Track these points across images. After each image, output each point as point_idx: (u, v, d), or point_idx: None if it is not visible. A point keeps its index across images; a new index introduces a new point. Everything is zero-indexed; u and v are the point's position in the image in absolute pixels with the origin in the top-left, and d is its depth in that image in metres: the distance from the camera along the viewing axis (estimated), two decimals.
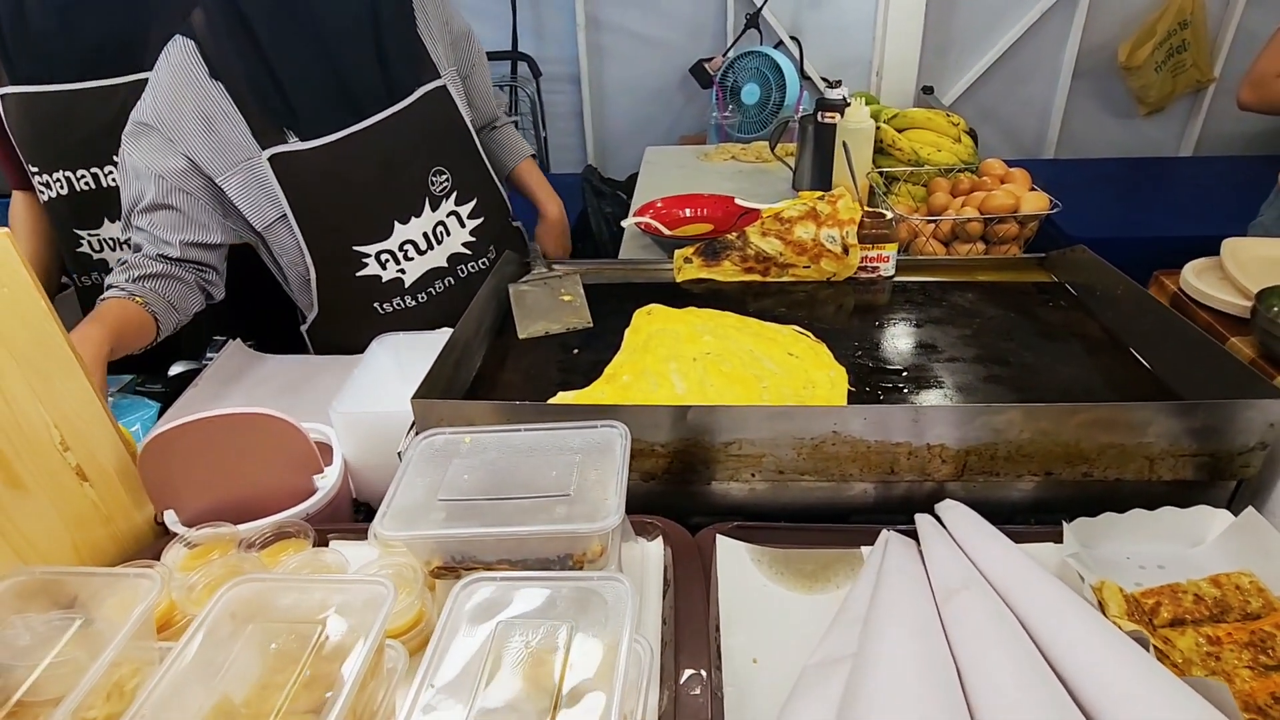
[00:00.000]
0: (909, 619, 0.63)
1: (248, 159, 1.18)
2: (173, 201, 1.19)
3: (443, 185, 1.34)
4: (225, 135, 1.17)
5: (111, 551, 0.81)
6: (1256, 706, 0.62)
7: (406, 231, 1.32)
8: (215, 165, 1.18)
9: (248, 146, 1.18)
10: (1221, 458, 0.80)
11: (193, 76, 1.15)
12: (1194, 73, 2.82)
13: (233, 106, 1.16)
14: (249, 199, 1.22)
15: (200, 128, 1.16)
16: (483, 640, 0.55)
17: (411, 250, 1.34)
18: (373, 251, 1.31)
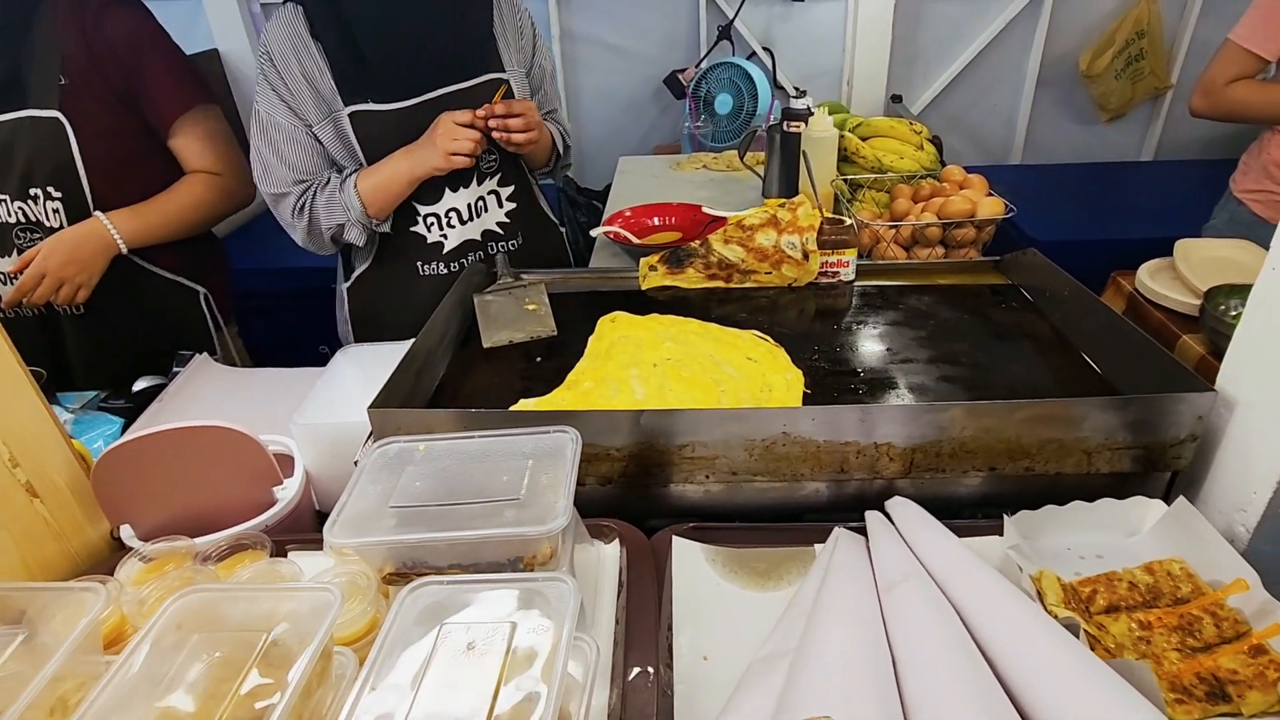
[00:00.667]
0: (849, 611, 0.65)
1: (334, 112, 1.35)
2: None
3: (490, 163, 1.47)
4: (320, 89, 1.33)
5: (64, 567, 0.81)
6: (1182, 686, 0.64)
7: (454, 199, 1.45)
8: (312, 114, 1.34)
9: (334, 101, 1.34)
10: (1155, 450, 0.82)
11: (299, 35, 1.32)
12: (1152, 80, 2.89)
13: (326, 64, 1.32)
14: (335, 148, 1.38)
15: (302, 81, 1.32)
16: (427, 641, 0.56)
17: (455, 219, 1.47)
18: (425, 212, 1.44)
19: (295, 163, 1.37)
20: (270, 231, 2.92)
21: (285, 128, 1.34)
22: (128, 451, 0.83)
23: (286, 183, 1.38)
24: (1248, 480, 0.75)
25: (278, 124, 1.34)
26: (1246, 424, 0.76)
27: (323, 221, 1.39)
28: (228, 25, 3.01)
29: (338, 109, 1.33)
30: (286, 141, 1.35)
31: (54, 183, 1.39)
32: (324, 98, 1.33)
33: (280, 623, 0.59)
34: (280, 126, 1.34)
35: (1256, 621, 0.67)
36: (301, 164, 1.37)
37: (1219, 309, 1.36)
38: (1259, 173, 1.84)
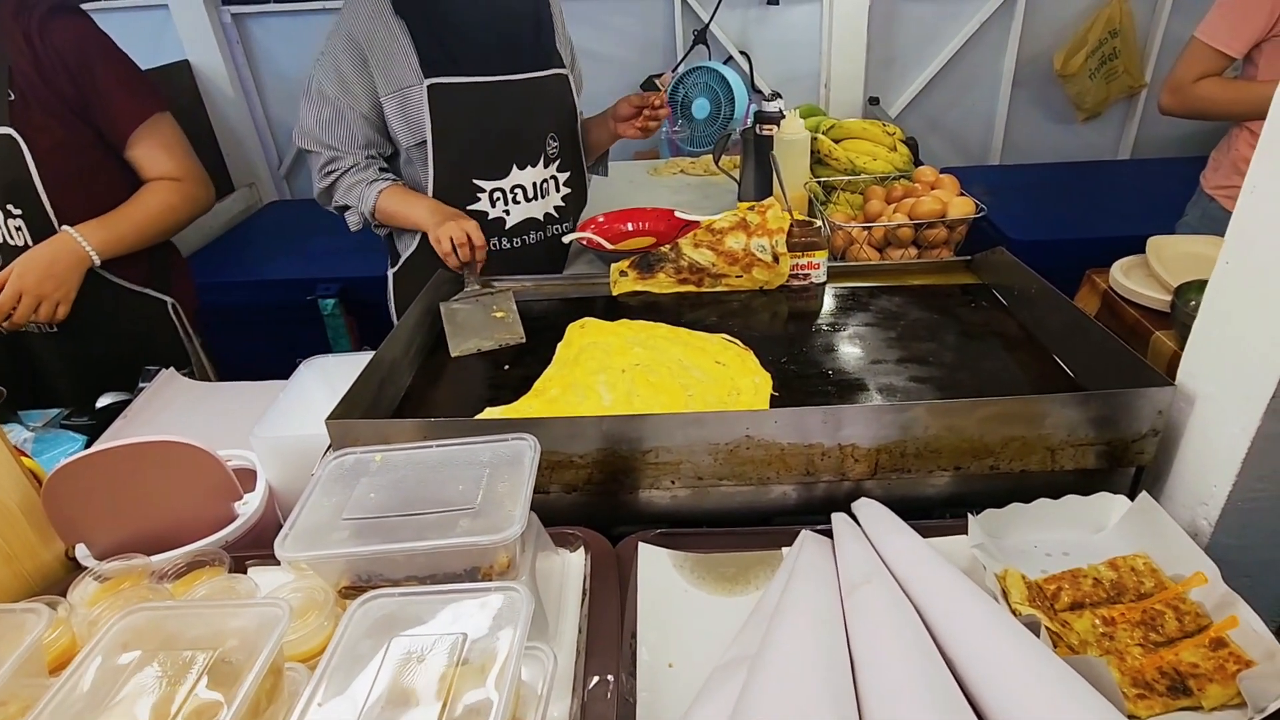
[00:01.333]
0: (809, 615, 0.64)
1: (407, 86, 1.40)
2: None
3: (554, 148, 1.57)
4: (396, 62, 1.39)
5: (16, 590, 0.79)
6: (1145, 681, 0.64)
7: (521, 177, 1.52)
8: (382, 86, 1.40)
9: (411, 75, 1.40)
10: (1118, 446, 0.82)
11: (381, 14, 1.38)
12: (1126, 79, 2.92)
13: (409, 40, 1.39)
14: (398, 121, 1.43)
15: (382, 55, 1.38)
16: (377, 654, 0.55)
17: (520, 195, 1.54)
18: (489, 188, 1.50)
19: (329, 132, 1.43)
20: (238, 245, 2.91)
21: (333, 100, 1.41)
22: (80, 468, 0.81)
23: (320, 144, 1.45)
24: (1208, 473, 0.75)
25: (325, 95, 1.41)
26: (1205, 417, 0.76)
27: (337, 196, 1.47)
28: (198, 36, 2.99)
29: (412, 82, 1.39)
30: (331, 112, 1.42)
31: (13, 200, 1.37)
32: (399, 70, 1.39)
33: (229, 639, 0.58)
34: (328, 99, 1.41)
35: (1216, 614, 0.67)
36: (334, 135, 1.44)
37: (1189, 305, 1.36)
38: (1228, 169, 1.85)
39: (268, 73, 3.17)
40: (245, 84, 3.16)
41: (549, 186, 1.58)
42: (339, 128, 1.43)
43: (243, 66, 3.14)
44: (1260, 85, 1.72)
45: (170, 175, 1.51)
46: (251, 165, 3.26)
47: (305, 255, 2.62)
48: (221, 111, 3.14)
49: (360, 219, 1.49)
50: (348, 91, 1.40)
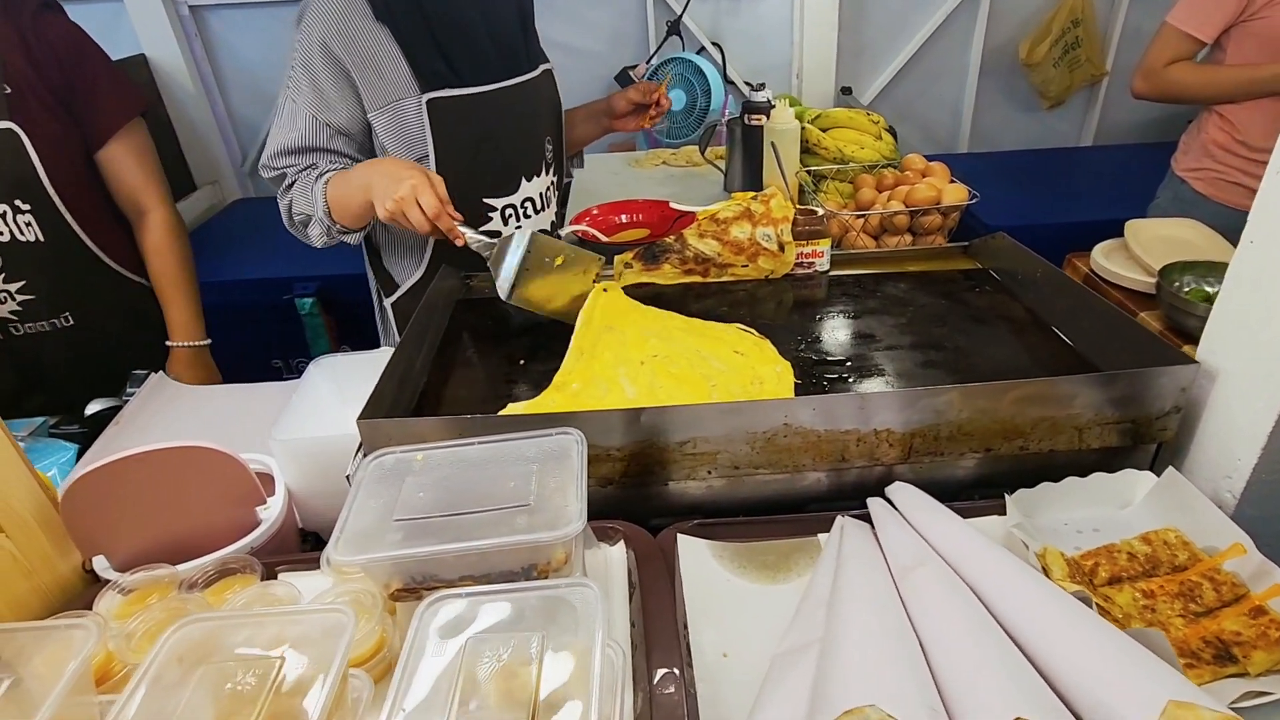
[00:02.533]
0: (871, 598, 0.65)
1: (400, 99, 1.25)
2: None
3: (551, 154, 1.47)
4: (385, 75, 1.23)
5: (35, 606, 0.76)
6: (1190, 651, 0.66)
7: (529, 189, 1.42)
8: (370, 101, 1.25)
9: (404, 88, 1.25)
10: (1142, 423, 0.85)
11: (358, 19, 1.21)
12: (1089, 67, 3.00)
13: (397, 49, 1.23)
14: (392, 138, 1.28)
15: (362, 65, 1.22)
16: (452, 658, 0.54)
17: (530, 208, 1.44)
18: (500, 205, 1.39)
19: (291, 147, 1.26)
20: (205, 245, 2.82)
21: (301, 114, 1.24)
22: (99, 478, 0.78)
23: (277, 169, 1.29)
24: (1232, 447, 0.78)
25: (296, 108, 1.24)
26: (1228, 393, 0.79)
27: (295, 209, 1.29)
28: (155, 29, 2.87)
29: (407, 95, 1.24)
30: (296, 129, 1.25)
31: (20, 195, 1.33)
32: (390, 82, 1.23)
33: (290, 648, 0.56)
34: (297, 112, 1.25)
35: (1254, 584, 0.70)
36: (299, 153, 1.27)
37: (1174, 285, 1.42)
38: (1199, 152, 1.92)
39: (229, 67, 3.06)
40: (205, 79, 3.05)
41: (551, 195, 1.49)
42: (312, 150, 1.26)
43: (202, 61, 3.02)
44: (1230, 69, 1.78)
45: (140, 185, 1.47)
46: (214, 162, 3.15)
47: (278, 253, 2.55)
48: (181, 107, 3.02)
49: (321, 225, 1.26)
50: (327, 108, 1.23)
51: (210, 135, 3.11)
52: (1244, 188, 1.84)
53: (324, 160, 1.28)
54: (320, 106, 1.23)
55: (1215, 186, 1.88)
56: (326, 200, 1.23)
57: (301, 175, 1.28)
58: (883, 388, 0.97)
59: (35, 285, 1.39)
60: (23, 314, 1.41)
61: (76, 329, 1.46)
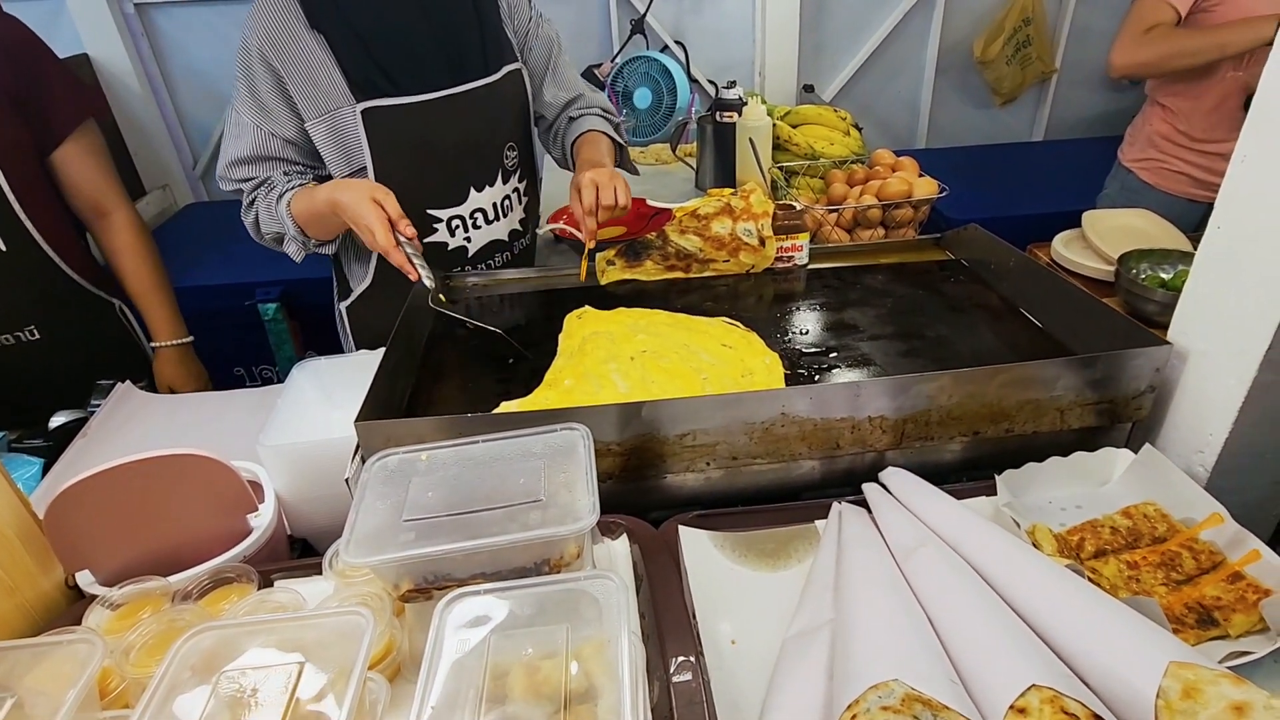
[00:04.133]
0: (877, 579, 0.66)
1: (336, 108, 1.21)
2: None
3: (513, 160, 1.39)
4: (319, 84, 1.19)
5: (19, 623, 0.72)
6: (1175, 617, 0.69)
7: (480, 199, 1.35)
8: (306, 110, 1.21)
9: (339, 97, 1.20)
10: (1119, 403, 0.89)
11: (293, 25, 1.17)
12: (1039, 65, 3.10)
13: (331, 57, 1.19)
14: (330, 148, 1.24)
15: (297, 74, 1.18)
16: (476, 655, 0.53)
17: (481, 219, 1.37)
18: (445, 216, 1.33)
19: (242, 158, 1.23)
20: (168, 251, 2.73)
21: (246, 126, 1.21)
22: (83, 490, 0.75)
23: (240, 181, 1.25)
24: (1204, 423, 0.82)
25: (244, 125, 1.21)
26: (1200, 372, 0.83)
27: (263, 228, 1.27)
28: (98, 27, 2.76)
29: (342, 105, 1.20)
30: (243, 140, 1.22)
31: None
32: (324, 92, 1.19)
33: (306, 654, 0.55)
34: (241, 124, 1.21)
35: (1230, 551, 0.74)
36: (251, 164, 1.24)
37: (1131, 272, 1.48)
38: (1144, 143, 2.00)
39: (178, 67, 2.96)
40: (153, 80, 2.94)
41: (511, 203, 1.41)
42: (264, 159, 1.23)
43: (149, 61, 2.92)
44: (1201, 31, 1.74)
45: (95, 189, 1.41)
46: (164, 166, 3.05)
47: (237, 258, 2.47)
48: (128, 109, 2.91)
49: (297, 243, 1.25)
50: (269, 118, 1.20)
51: (159, 138, 3.00)
52: (1187, 176, 1.92)
53: (277, 171, 1.24)
54: (262, 117, 1.20)
55: (1159, 175, 1.96)
56: (294, 220, 1.21)
57: (260, 193, 1.25)
58: (868, 376, 1.00)
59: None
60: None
61: (41, 343, 1.40)
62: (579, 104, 1.46)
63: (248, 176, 1.24)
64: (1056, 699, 0.50)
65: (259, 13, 1.17)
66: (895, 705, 0.49)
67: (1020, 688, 0.51)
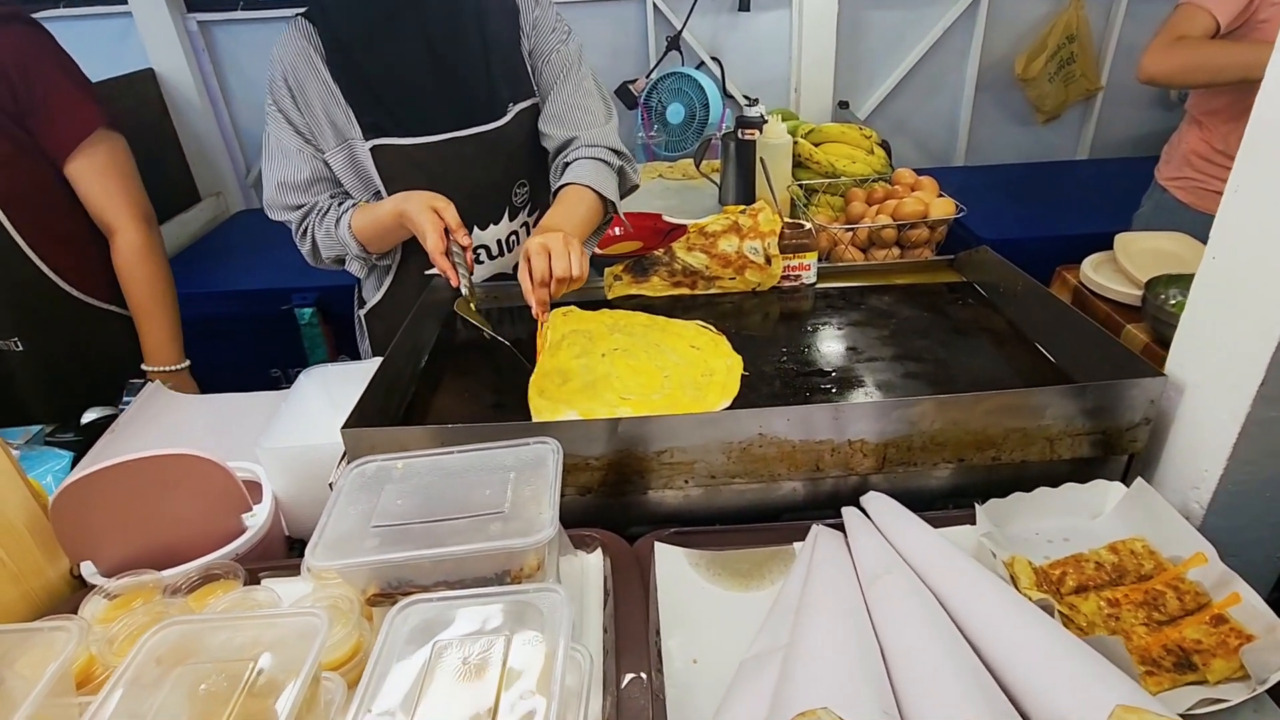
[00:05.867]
0: (836, 605, 0.66)
1: (349, 140, 1.25)
2: None
3: (523, 197, 1.39)
4: (334, 117, 1.24)
5: (23, 611, 0.77)
6: (1151, 659, 0.67)
7: (482, 238, 1.37)
8: (322, 140, 1.25)
9: (349, 130, 1.24)
10: (1112, 434, 0.86)
11: (310, 58, 1.22)
12: (1084, 82, 3.03)
13: (340, 93, 1.23)
14: (347, 176, 1.28)
15: (315, 104, 1.23)
16: (420, 661, 0.55)
17: (484, 255, 1.38)
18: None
19: (298, 190, 1.27)
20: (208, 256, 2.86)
21: (292, 154, 1.25)
22: (88, 485, 0.79)
23: (289, 209, 1.29)
24: (1199, 458, 0.79)
25: (285, 149, 1.25)
26: (1195, 405, 0.80)
27: (323, 252, 1.31)
28: (163, 43, 2.92)
29: (353, 138, 1.24)
30: (290, 168, 1.26)
31: None
32: (337, 126, 1.24)
33: (265, 651, 0.58)
34: (288, 152, 1.25)
35: (1216, 592, 0.71)
36: (303, 192, 1.28)
37: (1159, 298, 1.43)
38: (1179, 161, 1.94)
39: (234, 81, 3.11)
40: (212, 92, 3.10)
41: (518, 238, 1.41)
42: (307, 183, 1.27)
43: (209, 75, 3.07)
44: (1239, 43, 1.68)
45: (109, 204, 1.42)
46: (219, 174, 3.20)
47: (278, 264, 2.57)
48: (187, 120, 3.07)
49: (360, 261, 1.31)
50: (306, 141, 1.25)
51: (215, 147, 3.15)
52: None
53: (323, 195, 1.29)
54: (299, 140, 1.25)
55: (1195, 195, 1.89)
56: (357, 239, 1.25)
57: (312, 220, 1.29)
58: (862, 399, 0.99)
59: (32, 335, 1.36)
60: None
61: (26, 355, 1.44)
62: (575, 146, 1.33)
63: (299, 203, 1.28)
64: None
65: (285, 42, 1.23)
66: None
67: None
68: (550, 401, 0.99)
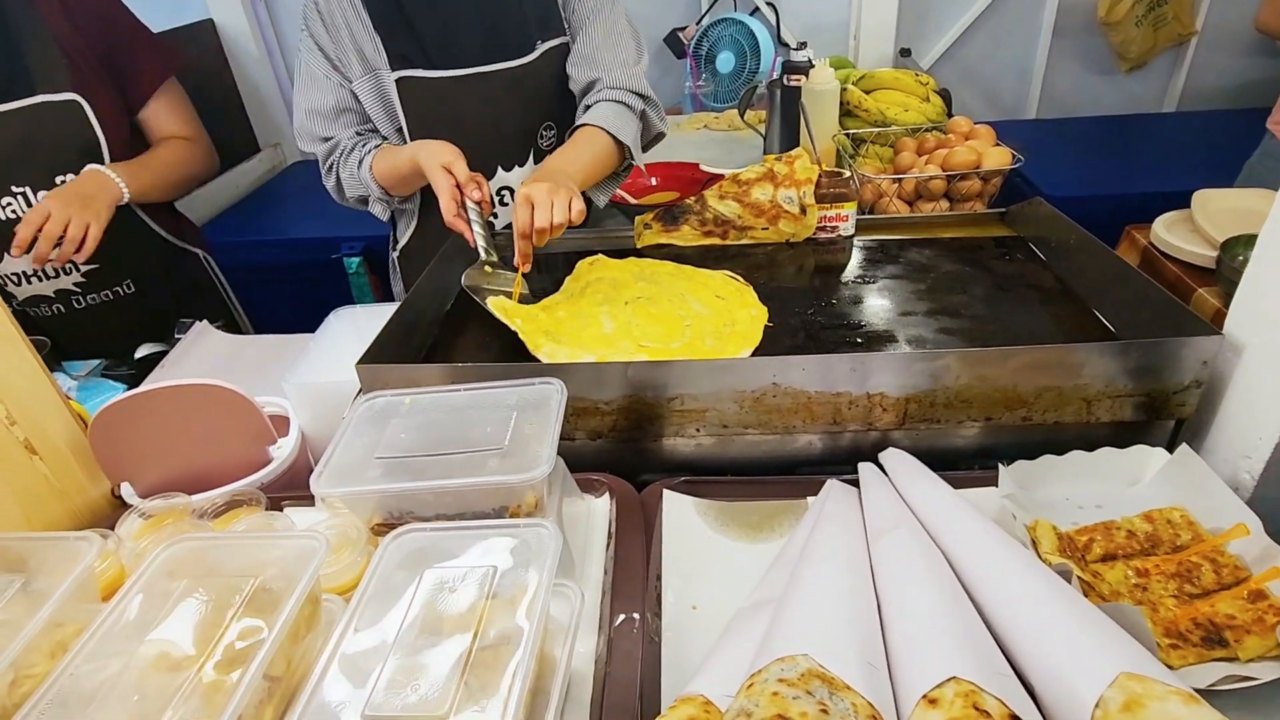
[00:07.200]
0: (835, 558, 0.64)
1: (376, 70, 1.25)
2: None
3: (549, 140, 1.37)
4: (363, 46, 1.23)
5: (66, 524, 0.82)
6: (1178, 633, 0.63)
7: (507, 179, 1.35)
8: (350, 70, 1.25)
9: (378, 61, 1.24)
10: (1157, 397, 0.80)
11: None
12: (1175, 26, 2.78)
13: (369, 22, 1.22)
14: (374, 108, 1.28)
15: (345, 34, 1.23)
16: (409, 587, 0.56)
17: (509, 197, 1.37)
18: None
19: (324, 119, 1.28)
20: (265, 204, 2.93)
21: (320, 80, 1.26)
22: (123, 410, 0.83)
23: (315, 139, 1.30)
24: (1254, 426, 0.73)
25: (314, 75, 1.26)
26: (1253, 368, 0.74)
27: (347, 191, 1.32)
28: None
29: (380, 68, 1.24)
30: (318, 95, 1.27)
31: (83, 166, 1.36)
32: (365, 55, 1.24)
33: (269, 570, 0.60)
34: (316, 79, 1.26)
35: (1257, 567, 0.66)
36: (330, 121, 1.28)
37: (1236, 260, 1.32)
38: None
39: (291, 32, 3.15)
40: (269, 43, 3.15)
41: None
42: (333, 112, 1.27)
43: (266, 26, 3.12)
44: None
45: (181, 135, 1.50)
46: (276, 125, 3.26)
47: (329, 215, 2.61)
48: (245, 71, 3.13)
49: (382, 203, 1.32)
50: (334, 69, 1.25)
51: (273, 99, 3.21)
52: None
53: (350, 131, 1.29)
54: (331, 69, 1.25)
55: None
56: (378, 181, 1.26)
57: (338, 158, 1.29)
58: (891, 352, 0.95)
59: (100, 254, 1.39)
60: (86, 285, 1.45)
61: (138, 295, 1.52)
62: (598, 88, 1.30)
63: (326, 134, 1.29)
64: (973, 694, 0.47)
65: None
66: (793, 679, 0.48)
67: (941, 678, 0.48)
68: (567, 346, 0.99)
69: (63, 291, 1.44)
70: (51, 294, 1.44)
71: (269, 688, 0.52)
